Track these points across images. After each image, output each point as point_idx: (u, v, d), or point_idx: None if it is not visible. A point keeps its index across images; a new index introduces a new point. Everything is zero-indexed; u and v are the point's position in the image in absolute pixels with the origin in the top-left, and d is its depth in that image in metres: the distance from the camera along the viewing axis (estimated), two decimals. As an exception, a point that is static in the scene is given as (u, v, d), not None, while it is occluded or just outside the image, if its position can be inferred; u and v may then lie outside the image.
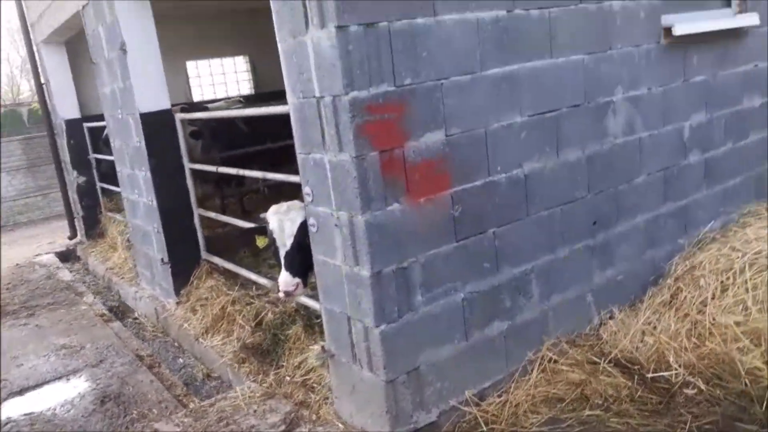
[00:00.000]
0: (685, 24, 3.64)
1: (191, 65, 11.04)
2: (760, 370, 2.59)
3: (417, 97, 2.63)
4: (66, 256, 8.34)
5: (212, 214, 5.10)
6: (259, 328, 4.23)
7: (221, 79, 11.53)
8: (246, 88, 11.77)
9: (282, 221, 3.28)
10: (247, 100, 10.08)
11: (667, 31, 3.61)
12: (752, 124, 4.40)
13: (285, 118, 2.95)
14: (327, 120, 2.60)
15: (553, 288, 3.31)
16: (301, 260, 3.24)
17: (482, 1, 2.78)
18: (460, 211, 2.85)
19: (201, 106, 8.94)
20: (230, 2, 9.02)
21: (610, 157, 3.47)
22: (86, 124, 7.75)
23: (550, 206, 3.22)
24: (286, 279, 3.22)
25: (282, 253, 3.26)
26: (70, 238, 8.69)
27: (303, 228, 3.20)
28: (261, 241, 3.46)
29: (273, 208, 3.38)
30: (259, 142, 6.71)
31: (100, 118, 6.21)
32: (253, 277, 4.48)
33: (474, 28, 2.78)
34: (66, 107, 7.94)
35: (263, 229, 3.41)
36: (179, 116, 5.01)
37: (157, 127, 5.00)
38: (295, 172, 3.02)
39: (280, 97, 3.25)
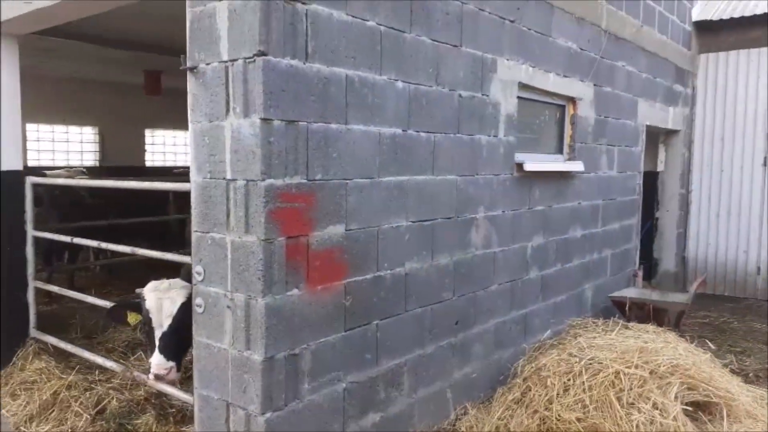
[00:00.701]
0: (532, 162, 4.39)
1: (32, 128, 10.26)
2: (597, 460, 3.00)
3: (325, 191, 2.85)
4: None
5: (55, 288, 4.64)
6: (100, 416, 3.82)
7: (64, 147, 10.81)
8: (90, 159, 11.14)
9: (161, 300, 3.15)
10: (90, 172, 9.56)
11: (519, 166, 4.32)
12: (575, 250, 5.27)
13: (135, 193, 2.95)
14: (236, 202, 2.68)
15: (420, 382, 3.53)
16: (177, 343, 3.12)
17: (384, 119, 3.16)
18: (351, 301, 3.02)
19: (39, 172, 8.27)
20: (83, 71, 8.76)
21: (472, 266, 3.93)
22: None
23: (424, 304, 3.53)
24: (159, 362, 3.05)
25: (158, 334, 3.10)
26: None
27: (183, 309, 3.11)
28: (133, 318, 3.27)
29: (151, 285, 3.24)
30: (101, 215, 6.34)
31: None
32: (98, 360, 4.10)
33: (376, 140, 3.12)
34: None
35: (136, 305, 3.23)
36: (31, 179, 4.64)
37: (8, 188, 4.56)
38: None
39: (126, 172, 3.27)
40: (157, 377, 3.06)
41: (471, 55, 3.79)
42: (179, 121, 11.55)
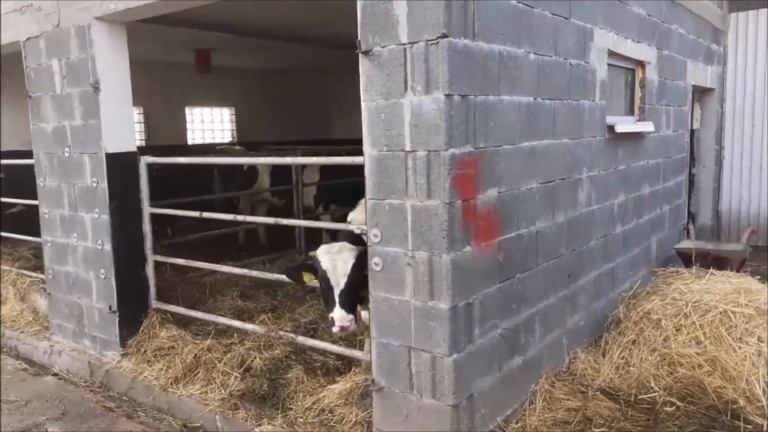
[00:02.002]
0: (622, 124, 4.71)
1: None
2: (722, 388, 3.41)
3: (485, 158, 3.16)
4: None
5: (174, 260, 4.94)
6: (248, 374, 4.18)
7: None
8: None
9: (335, 261, 3.48)
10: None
11: (610, 128, 4.64)
12: (645, 207, 5.64)
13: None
14: (416, 171, 2.98)
15: (546, 329, 3.92)
16: (353, 298, 3.47)
17: (522, 89, 3.46)
18: (503, 257, 3.37)
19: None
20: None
21: (578, 223, 4.28)
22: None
23: (548, 259, 3.88)
24: (342, 315, 3.40)
25: (336, 292, 3.45)
26: None
27: (355, 268, 3.45)
28: (308, 278, 3.62)
29: (324, 248, 3.57)
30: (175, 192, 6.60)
31: None
32: (236, 323, 4.45)
33: (517, 109, 3.43)
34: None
35: (310, 267, 3.57)
36: (146, 159, 4.89)
37: (121, 168, 4.82)
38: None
39: (171, 151, 3.54)
40: (342, 329, 3.41)
41: (576, 26, 4.07)
42: (218, 98, 11.86)
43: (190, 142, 11.95)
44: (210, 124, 12.46)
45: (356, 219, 3.80)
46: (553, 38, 3.77)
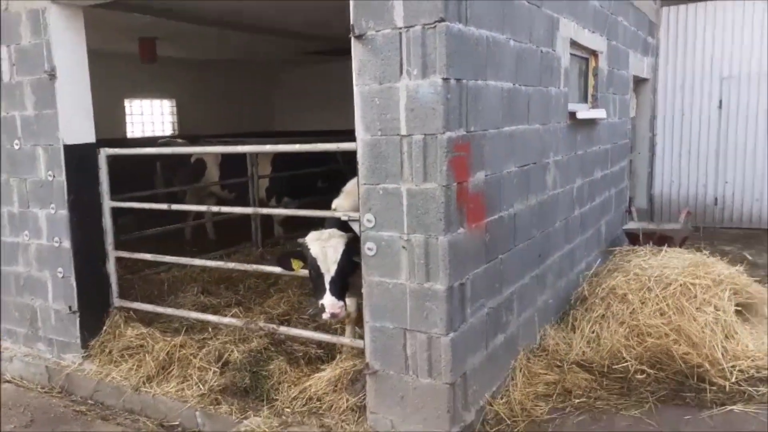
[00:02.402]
0: (582, 111, 4.93)
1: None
2: (688, 354, 3.68)
3: (475, 141, 3.24)
4: None
5: (140, 255, 4.73)
6: (226, 368, 4.09)
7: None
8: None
9: (325, 248, 3.46)
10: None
11: (572, 114, 4.85)
12: (596, 190, 5.94)
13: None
14: (411, 155, 3.02)
15: (522, 308, 4.07)
16: (343, 285, 3.47)
17: (504, 75, 3.56)
18: (489, 238, 3.47)
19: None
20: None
21: (546, 206, 4.46)
22: None
23: (523, 240, 4.03)
24: (332, 302, 3.40)
25: (327, 278, 3.44)
26: None
27: (345, 255, 3.45)
28: (296, 265, 3.59)
29: (313, 235, 3.54)
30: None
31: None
32: (211, 318, 4.34)
33: (500, 94, 3.52)
34: None
35: (299, 254, 3.53)
36: (105, 151, 4.63)
37: (80, 160, 4.55)
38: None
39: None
40: (333, 315, 3.42)
41: (546, 15, 4.21)
42: (158, 90, 11.31)
43: (129, 135, 11.39)
44: (150, 116, 11.91)
45: (341, 206, 3.79)
46: (528, 26, 3.88)
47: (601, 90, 5.85)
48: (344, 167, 8.67)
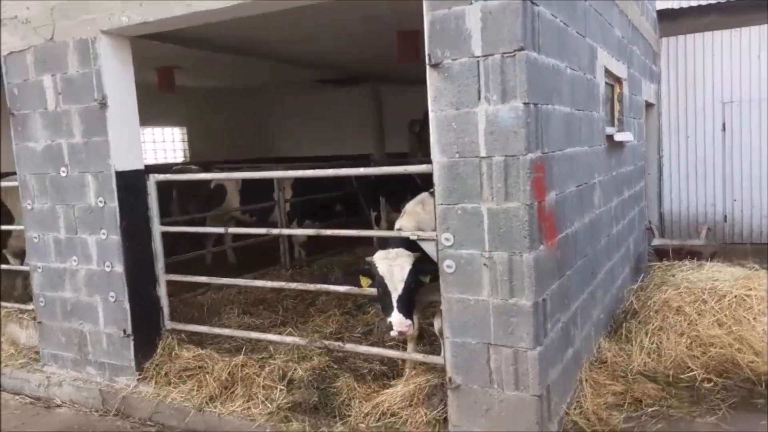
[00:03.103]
0: (618, 134, 5.14)
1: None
2: (753, 362, 3.81)
3: (547, 162, 3.40)
4: None
5: (192, 278, 4.81)
6: (292, 386, 4.14)
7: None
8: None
9: (392, 267, 3.57)
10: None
11: (609, 137, 5.06)
12: (626, 209, 6.14)
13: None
14: (493, 175, 3.17)
15: (583, 322, 4.19)
16: (410, 303, 3.56)
17: (563, 100, 3.75)
18: (560, 255, 3.60)
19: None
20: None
21: (594, 224, 4.62)
22: None
23: (581, 258, 4.18)
24: (400, 320, 3.49)
25: (394, 296, 3.53)
26: None
27: (411, 274, 3.56)
28: (365, 282, 3.71)
29: (380, 254, 3.65)
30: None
31: None
32: (273, 337, 4.39)
33: (562, 118, 3.71)
34: None
35: (368, 272, 3.64)
36: (155, 177, 4.75)
37: (131, 186, 4.65)
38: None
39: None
40: (401, 333, 3.50)
41: (588, 44, 4.45)
42: (170, 118, 11.48)
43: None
44: (162, 144, 12.06)
45: (405, 226, 3.92)
46: (577, 55, 4.11)
47: (625, 114, 6.10)
48: (359, 191, 8.87)
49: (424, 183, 8.15)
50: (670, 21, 9.40)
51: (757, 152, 9.00)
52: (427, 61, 3.26)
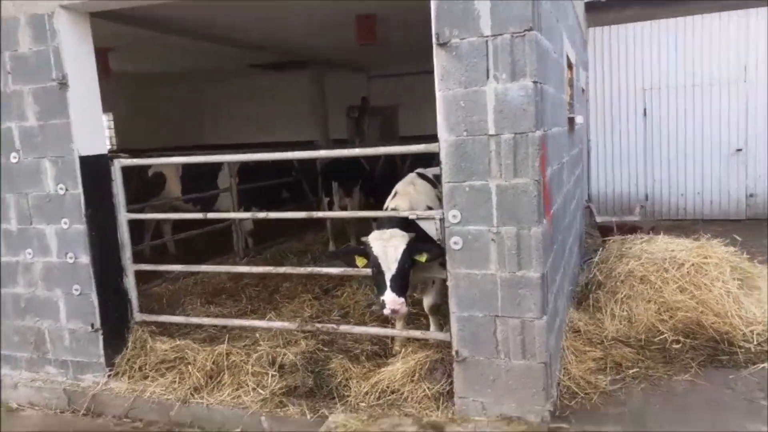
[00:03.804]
0: (578, 116, 5.42)
1: None
2: (716, 323, 4.19)
3: (546, 140, 3.54)
4: None
5: (162, 267, 4.57)
6: (283, 371, 4.06)
7: None
8: None
9: (386, 247, 3.59)
10: None
11: (570, 119, 5.33)
12: (576, 188, 6.49)
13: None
14: (501, 152, 3.26)
15: (561, 294, 4.42)
16: (403, 282, 3.62)
17: (550, 81, 3.91)
18: (552, 230, 3.77)
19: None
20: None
21: (564, 200, 4.87)
22: None
23: (560, 232, 4.39)
24: (393, 298, 3.54)
25: (388, 276, 3.57)
26: None
27: (405, 253, 3.61)
28: (360, 261, 3.71)
29: (375, 234, 3.66)
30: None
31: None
32: (260, 324, 4.28)
33: (550, 98, 3.87)
34: None
35: (362, 252, 3.64)
36: (120, 162, 4.45)
37: (96, 172, 4.33)
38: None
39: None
40: (393, 311, 3.55)
41: (559, 29, 4.64)
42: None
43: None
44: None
45: (400, 206, 3.94)
46: (556, 38, 4.28)
47: (575, 98, 6.44)
48: (300, 177, 8.79)
49: (371, 168, 8.26)
50: (597, 12, 9.96)
51: (674, 136, 9.79)
52: (434, 41, 3.28)
